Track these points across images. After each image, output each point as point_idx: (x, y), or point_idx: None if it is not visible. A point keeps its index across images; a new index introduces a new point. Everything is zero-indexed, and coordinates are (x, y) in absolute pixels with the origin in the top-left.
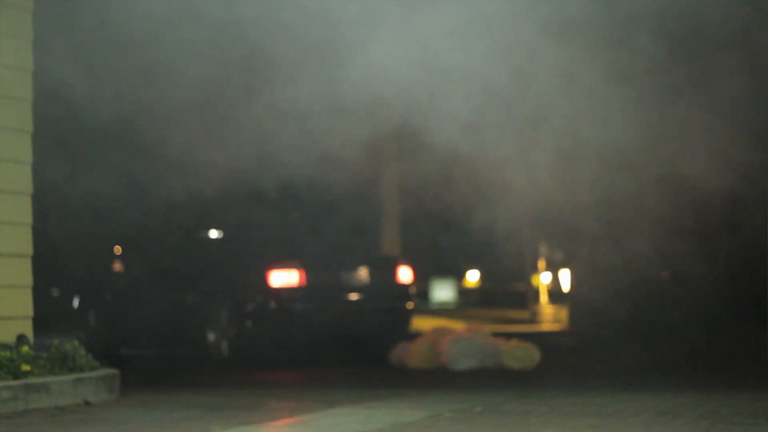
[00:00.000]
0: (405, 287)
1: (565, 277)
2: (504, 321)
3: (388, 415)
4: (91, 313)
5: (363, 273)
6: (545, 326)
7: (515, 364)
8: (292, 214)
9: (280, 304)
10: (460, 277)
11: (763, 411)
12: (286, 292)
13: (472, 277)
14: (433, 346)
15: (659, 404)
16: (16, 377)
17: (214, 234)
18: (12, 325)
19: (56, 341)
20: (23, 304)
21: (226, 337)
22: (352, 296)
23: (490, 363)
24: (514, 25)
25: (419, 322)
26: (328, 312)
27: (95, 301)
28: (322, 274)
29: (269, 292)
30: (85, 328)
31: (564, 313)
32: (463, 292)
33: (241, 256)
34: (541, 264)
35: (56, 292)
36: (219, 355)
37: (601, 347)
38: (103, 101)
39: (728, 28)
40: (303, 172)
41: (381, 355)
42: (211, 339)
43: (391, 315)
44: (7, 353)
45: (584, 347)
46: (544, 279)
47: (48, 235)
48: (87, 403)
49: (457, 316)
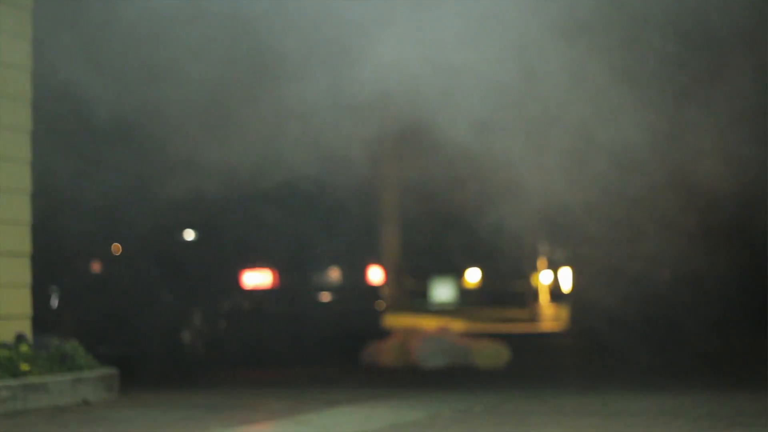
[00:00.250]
0: (375, 287)
1: (566, 276)
2: (503, 320)
3: (387, 415)
4: (69, 312)
5: (333, 273)
6: (545, 325)
7: (485, 363)
8: (269, 215)
9: (253, 304)
10: (460, 276)
11: (764, 411)
12: (259, 293)
13: (473, 277)
14: (404, 345)
15: (660, 404)
16: (15, 377)
17: (190, 235)
18: (11, 325)
19: (55, 341)
20: (22, 303)
21: (201, 337)
22: (323, 296)
23: (460, 362)
24: (522, 24)
25: (420, 322)
26: (299, 312)
27: (72, 301)
28: (293, 275)
29: (242, 292)
30: (63, 328)
31: (564, 313)
32: (464, 292)
33: (216, 256)
34: (542, 263)
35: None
36: (194, 355)
37: (601, 347)
38: (93, 99)
39: (738, 28)
40: (303, 170)
41: (352, 355)
42: (186, 338)
43: (361, 315)
44: (6, 353)
45: (584, 347)
46: (545, 278)
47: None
48: (86, 403)
49: (458, 315)
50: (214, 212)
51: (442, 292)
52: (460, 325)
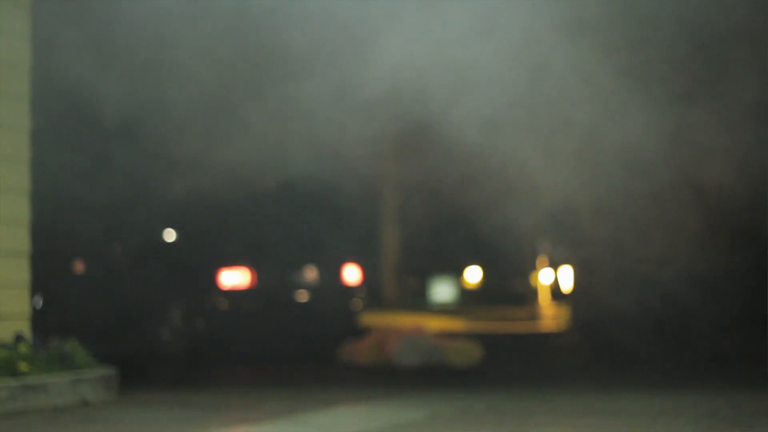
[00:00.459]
0: (350, 286)
1: (566, 275)
2: (504, 319)
3: (388, 415)
4: (52, 313)
5: (309, 273)
6: (545, 324)
7: (458, 361)
8: (251, 217)
9: (230, 303)
10: (461, 275)
11: (764, 411)
12: (236, 292)
13: (473, 276)
14: (381, 343)
15: (660, 404)
16: (14, 377)
17: (171, 236)
18: (9, 324)
19: (54, 341)
20: (21, 303)
21: (180, 335)
22: (299, 295)
23: (434, 360)
24: (529, 23)
25: (422, 321)
26: (275, 311)
27: (57, 302)
28: (269, 275)
29: (220, 291)
30: (47, 328)
31: (565, 312)
32: (464, 291)
33: (195, 257)
34: (542, 262)
35: None
36: (173, 352)
37: (603, 346)
38: (94, 98)
39: (745, 29)
40: (304, 169)
41: (329, 353)
42: (166, 336)
43: (337, 314)
44: (5, 353)
45: (585, 346)
46: (545, 277)
47: None
48: (85, 403)
49: (458, 314)
50: (197, 212)
51: (443, 291)
52: (459, 325)
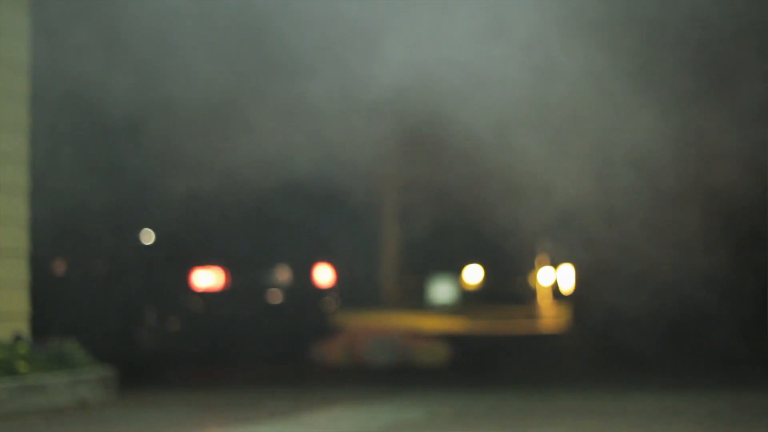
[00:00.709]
0: (321, 287)
1: (567, 275)
2: (503, 318)
3: (388, 415)
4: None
5: (280, 273)
6: (545, 324)
7: (425, 361)
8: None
9: (202, 303)
10: (461, 274)
11: (764, 411)
12: (208, 292)
13: (474, 275)
14: (351, 343)
15: (661, 403)
16: (12, 377)
17: (146, 237)
18: (8, 324)
19: (54, 341)
20: (19, 302)
21: (154, 334)
22: (270, 295)
23: (403, 360)
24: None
25: (421, 321)
26: (247, 310)
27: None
28: (241, 275)
29: (193, 291)
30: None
31: (565, 311)
32: (464, 290)
33: (169, 257)
34: (543, 262)
35: None
36: (147, 351)
37: (603, 346)
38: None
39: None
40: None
41: (300, 352)
42: (141, 336)
43: (307, 313)
44: (4, 353)
45: (586, 345)
46: (546, 277)
47: None
48: (84, 403)
49: (457, 313)
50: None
51: (442, 290)
52: (459, 324)
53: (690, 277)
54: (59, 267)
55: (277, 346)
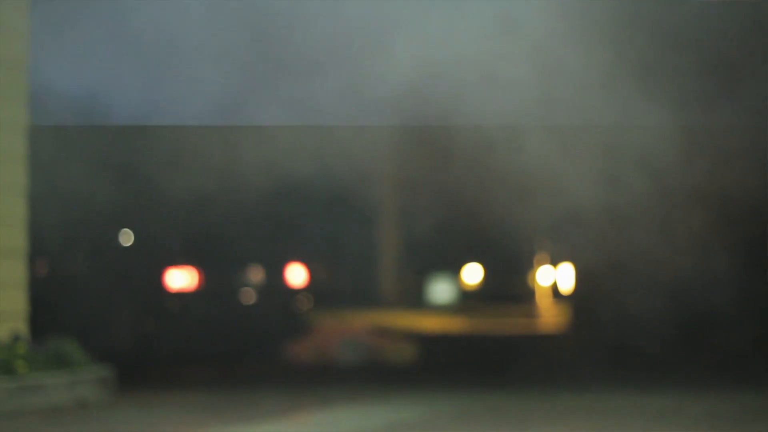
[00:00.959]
0: (293, 287)
1: (567, 275)
2: (503, 318)
3: (387, 414)
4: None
5: (253, 273)
6: (545, 324)
7: (394, 360)
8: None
9: (176, 303)
10: (460, 273)
11: (764, 411)
12: (181, 292)
13: (473, 274)
14: (323, 342)
15: (661, 403)
16: (11, 377)
17: (122, 237)
18: (7, 324)
19: (53, 340)
20: (17, 302)
21: (130, 334)
22: (243, 295)
23: (373, 359)
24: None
25: (422, 321)
26: (220, 310)
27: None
28: (214, 275)
29: (166, 291)
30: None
31: (565, 311)
32: (464, 290)
33: (144, 257)
34: (542, 262)
35: None
36: (124, 350)
37: (604, 345)
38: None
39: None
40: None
41: (273, 351)
42: (117, 335)
43: (280, 313)
44: (3, 352)
45: (587, 345)
46: (546, 277)
47: None
48: (83, 403)
49: (457, 313)
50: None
51: (442, 289)
52: (459, 324)
53: (690, 277)
54: (42, 266)
55: (249, 346)
